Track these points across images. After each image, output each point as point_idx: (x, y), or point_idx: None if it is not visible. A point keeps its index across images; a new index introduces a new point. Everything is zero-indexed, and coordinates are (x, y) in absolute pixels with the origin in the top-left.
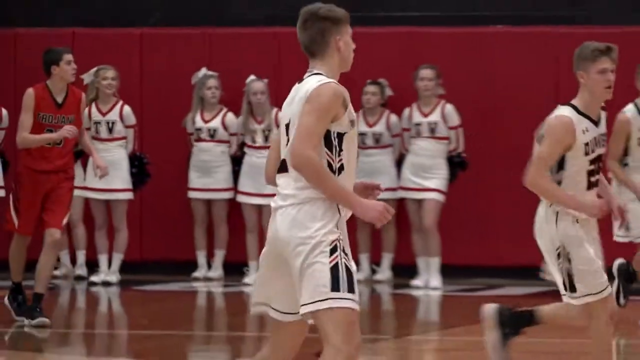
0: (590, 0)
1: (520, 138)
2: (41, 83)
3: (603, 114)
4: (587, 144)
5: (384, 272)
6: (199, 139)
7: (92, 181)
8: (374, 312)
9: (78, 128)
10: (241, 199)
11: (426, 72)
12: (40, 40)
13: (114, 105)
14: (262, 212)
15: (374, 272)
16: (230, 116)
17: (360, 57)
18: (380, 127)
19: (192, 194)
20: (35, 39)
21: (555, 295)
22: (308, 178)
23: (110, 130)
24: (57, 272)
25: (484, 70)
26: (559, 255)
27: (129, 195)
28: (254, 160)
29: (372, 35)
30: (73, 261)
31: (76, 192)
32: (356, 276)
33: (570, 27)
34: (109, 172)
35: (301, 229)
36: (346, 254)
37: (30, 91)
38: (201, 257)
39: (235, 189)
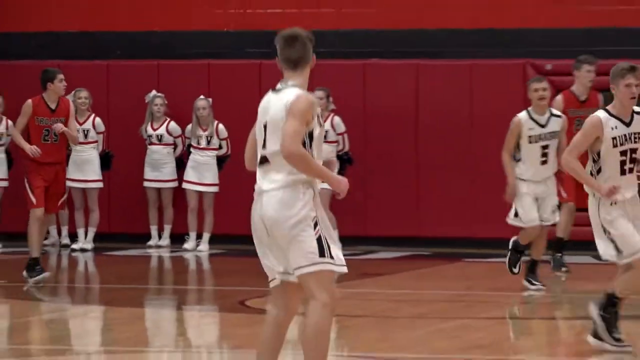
0: (448, 39)
1: (388, 142)
2: (38, 95)
3: (637, 118)
4: (614, 138)
5: None
6: (151, 143)
7: (73, 174)
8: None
9: (65, 126)
10: (186, 186)
11: (319, 93)
12: (33, 70)
13: (88, 117)
14: (202, 196)
15: None
16: (173, 124)
17: (274, 85)
18: None
19: (146, 184)
20: (29, 70)
21: (409, 260)
22: (299, 167)
23: (86, 136)
24: (47, 242)
25: (362, 91)
26: (604, 230)
27: (100, 185)
28: (198, 158)
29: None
30: (59, 233)
31: None
32: (336, 245)
33: (430, 60)
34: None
35: (288, 207)
36: (322, 228)
37: (29, 101)
38: (154, 230)
39: (178, 180)
